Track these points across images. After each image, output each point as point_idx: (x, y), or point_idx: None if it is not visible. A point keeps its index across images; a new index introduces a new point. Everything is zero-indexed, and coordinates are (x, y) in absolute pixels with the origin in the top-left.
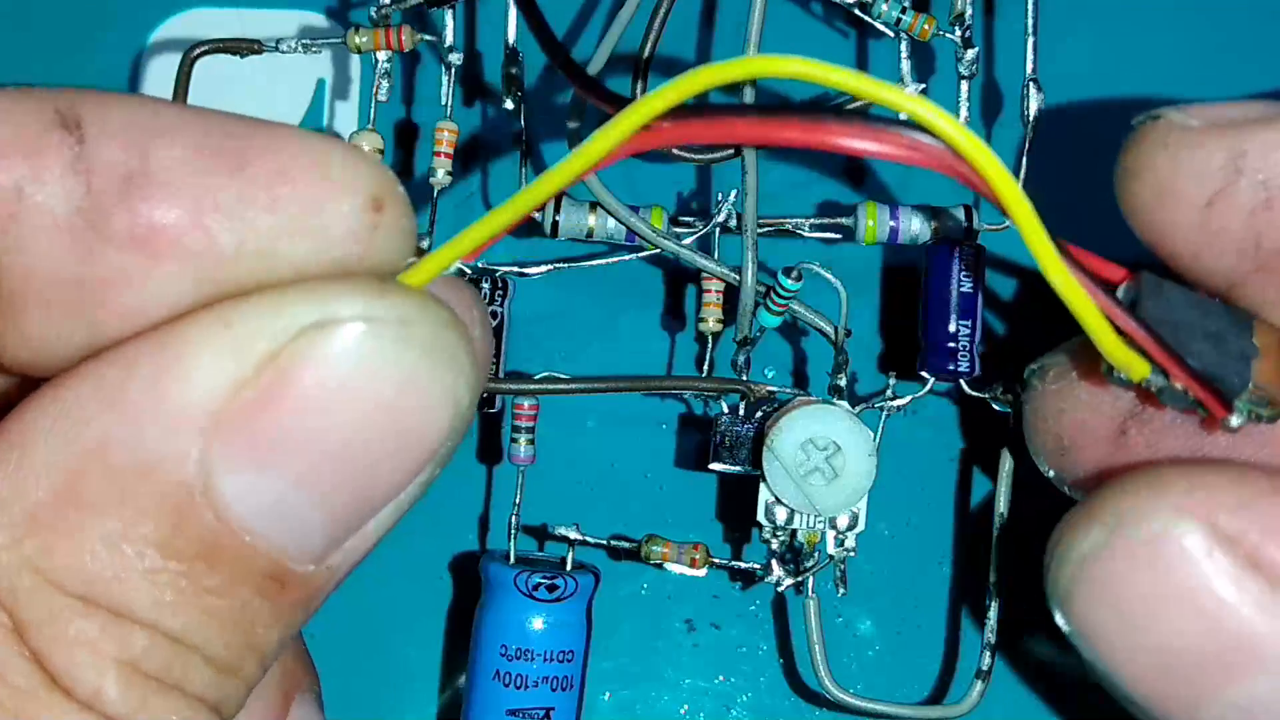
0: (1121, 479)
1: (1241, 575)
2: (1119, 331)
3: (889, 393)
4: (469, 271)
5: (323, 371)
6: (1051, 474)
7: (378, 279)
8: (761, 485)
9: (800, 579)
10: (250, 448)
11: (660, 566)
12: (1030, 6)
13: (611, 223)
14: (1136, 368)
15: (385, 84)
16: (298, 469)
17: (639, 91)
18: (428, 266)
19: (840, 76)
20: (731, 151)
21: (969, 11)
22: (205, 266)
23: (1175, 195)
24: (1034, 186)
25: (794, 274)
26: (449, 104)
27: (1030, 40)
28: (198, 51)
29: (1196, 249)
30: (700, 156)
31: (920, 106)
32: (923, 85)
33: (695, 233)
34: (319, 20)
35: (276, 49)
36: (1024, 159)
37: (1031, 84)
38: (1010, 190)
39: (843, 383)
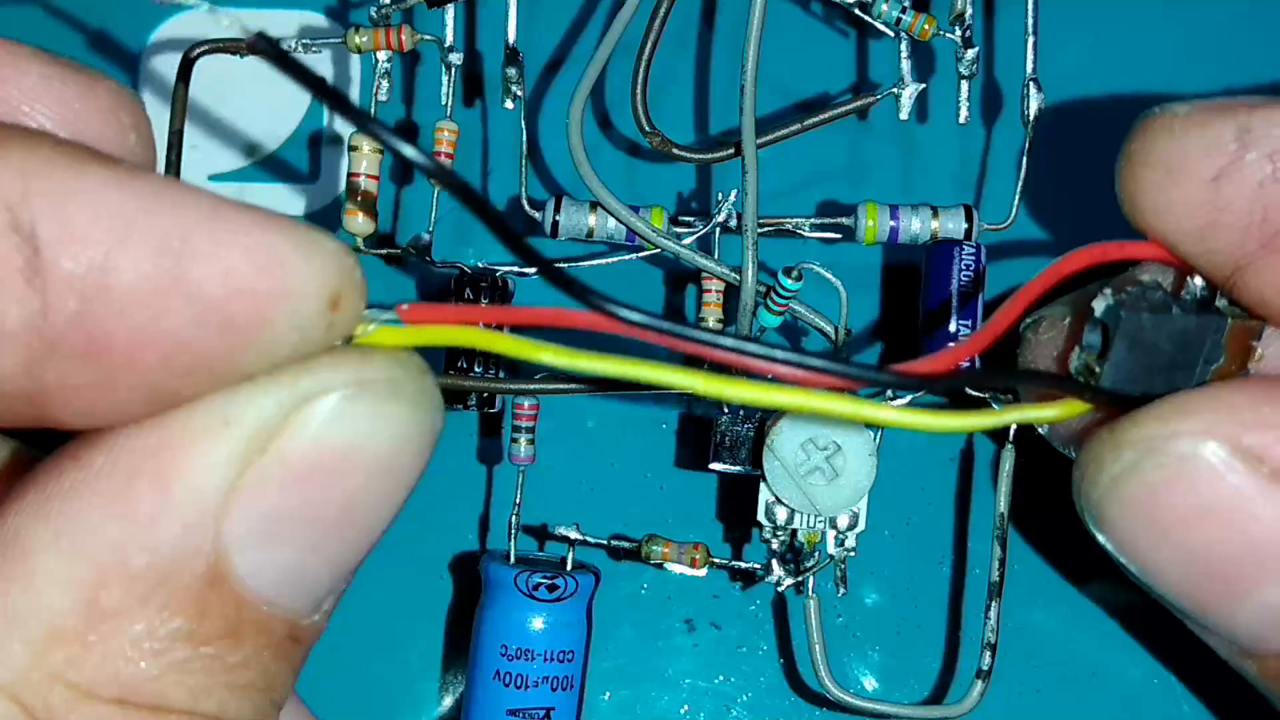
0: (1145, 407)
1: (1267, 487)
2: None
3: (889, 393)
4: (468, 271)
5: (320, 443)
6: (1045, 430)
7: (355, 349)
8: (761, 485)
9: (800, 579)
10: (262, 527)
11: (660, 566)
12: (1030, 6)
13: (611, 223)
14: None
15: (385, 84)
16: (306, 537)
17: (639, 92)
18: (412, 335)
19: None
20: (731, 151)
21: (969, 11)
22: (159, 380)
23: (1182, 171)
24: (1034, 186)
25: (794, 274)
26: (449, 104)
27: (1030, 40)
28: (198, 51)
29: (1203, 228)
30: (700, 156)
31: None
32: (923, 85)
33: (695, 233)
34: (319, 20)
35: None
36: (1024, 159)
37: (1031, 84)
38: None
39: None
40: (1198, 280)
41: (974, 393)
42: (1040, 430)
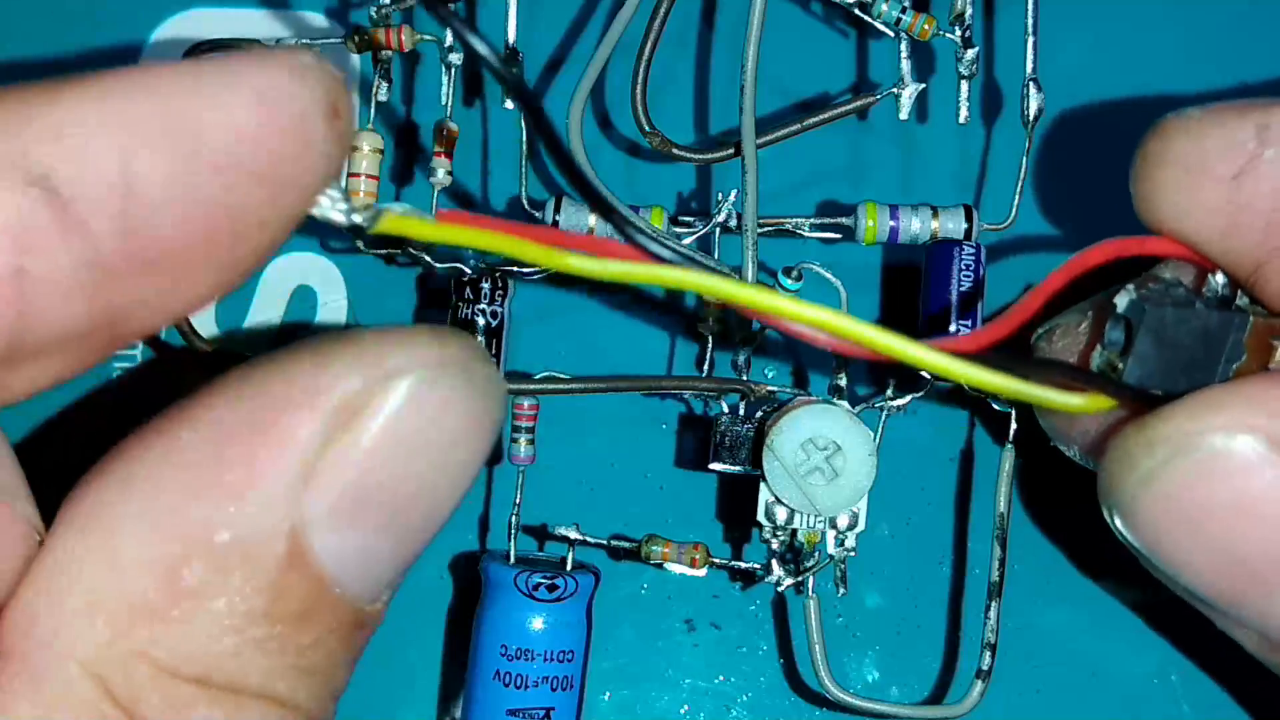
0: (1176, 402)
1: None
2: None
3: (889, 393)
4: (468, 271)
5: (398, 423)
6: (1059, 437)
7: (431, 329)
8: (761, 485)
9: (800, 579)
10: (339, 506)
11: (660, 566)
12: (1030, 6)
13: None
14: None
15: (385, 84)
16: (379, 520)
17: (639, 92)
18: (443, 232)
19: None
20: (731, 151)
21: (969, 11)
22: (218, 254)
23: (1202, 171)
24: (1034, 186)
25: (794, 274)
26: (449, 104)
27: (1030, 40)
28: (198, 52)
29: (1224, 227)
30: (700, 156)
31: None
32: (923, 85)
33: (695, 233)
34: (319, 20)
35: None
36: (1024, 159)
37: (1031, 84)
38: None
39: (843, 383)
40: (1219, 278)
41: (974, 392)
42: (1055, 437)
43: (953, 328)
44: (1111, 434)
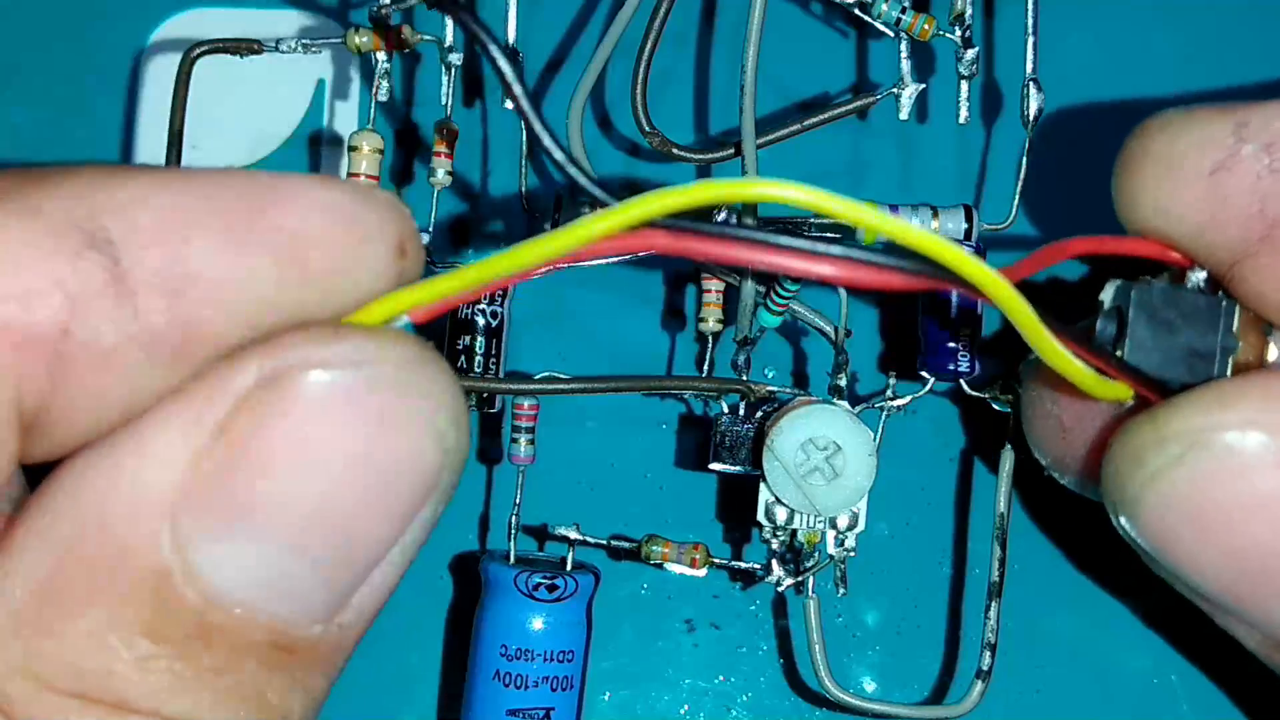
0: (1184, 396)
1: None
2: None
3: (889, 393)
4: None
5: (284, 429)
6: (1050, 464)
7: (330, 323)
8: (761, 485)
9: (800, 579)
10: (222, 519)
11: (660, 566)
12: (1030, 6)
13: None
14: (1120, 394)
15: (385, 84)
16: (278, 533)
17: (639, 92)
18: (384, 306)
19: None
20: (731, 151)
21: (969, 11)
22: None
23: (1179, 167)
24: (1034, 186)
25: None
26: (449, 104)
27: (1030, 40)
28: (198, 51)
29: (1202, 222)
30: (700, 156)
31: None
32: (923, 85)
33: None
34: (319, 20)
35: (276, 49)
36: (1024, 159)
37: (1031, 84)
38: (1001, 291)
39: (843, 383)
40: (1199, 273)
41: (971, 391)
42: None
43: (953, 325)
44: (1113, 432)
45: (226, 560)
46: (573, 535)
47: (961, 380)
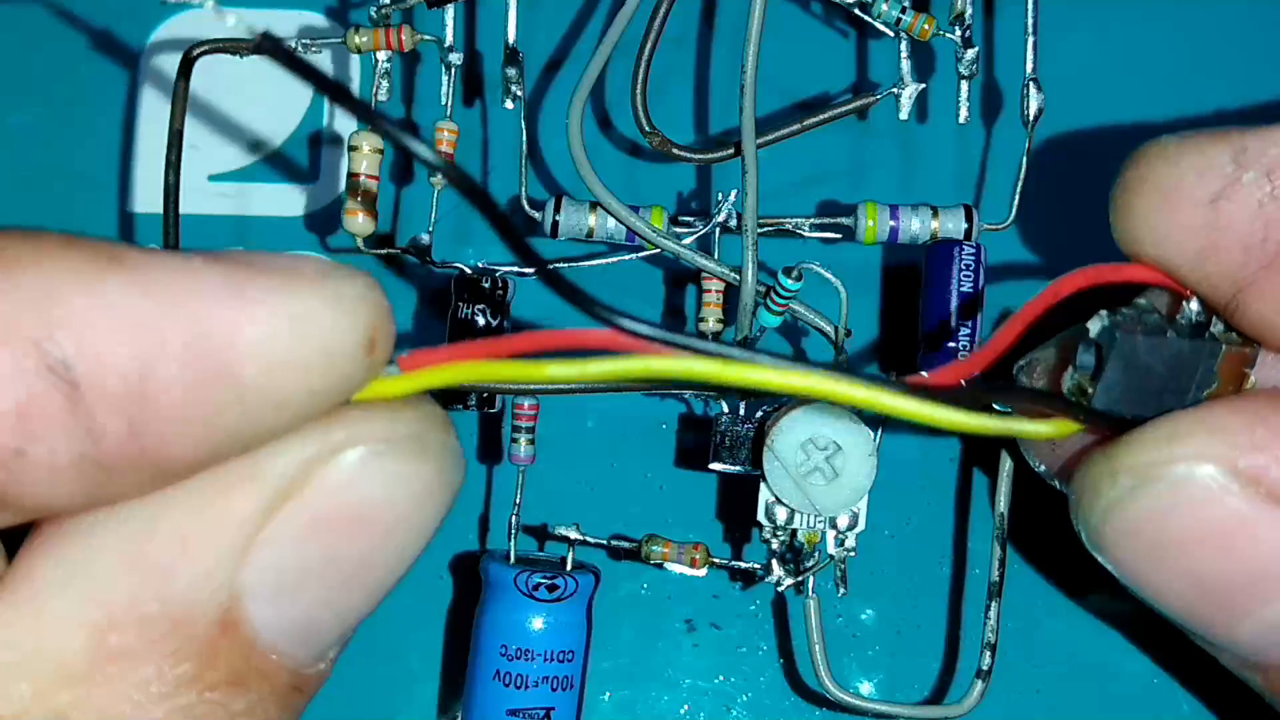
0: (1139, 430)
1: (1263, 509)
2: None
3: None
4: (468, 271)
5: (343, 498)
6: (1042, 469)
7: (385, 404)
8: (761, 485)
9: (800, 579)
10: (278, 579)
11: (660, 566)
12: (1030, 6)
13: (611, 223)
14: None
15: (385, 84)
16: (320, 590)
17: (639, 92)
18: (412, 382)
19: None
20: (731, 151)
21: (969, 11)
22: (210, 460)
23: (1179, 194)
24: (1034, 186)
25: (794, 274)
26: (449, 104)
27: (1030, 40)
28: (198, 51)
29: (1201, 251)
30: (700, 156)
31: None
32: (923, 85)
33: (695, 233)
34: (319, 20)
35: None
36: (1024, 159)
37: (1031, 84)
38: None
39: None
40: (1194, 304)
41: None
42: (1038, 468)
43: (951, 326)
44: (1079, 459)
45: (277, 614)
46: (573, 535)
47: (961, 380)
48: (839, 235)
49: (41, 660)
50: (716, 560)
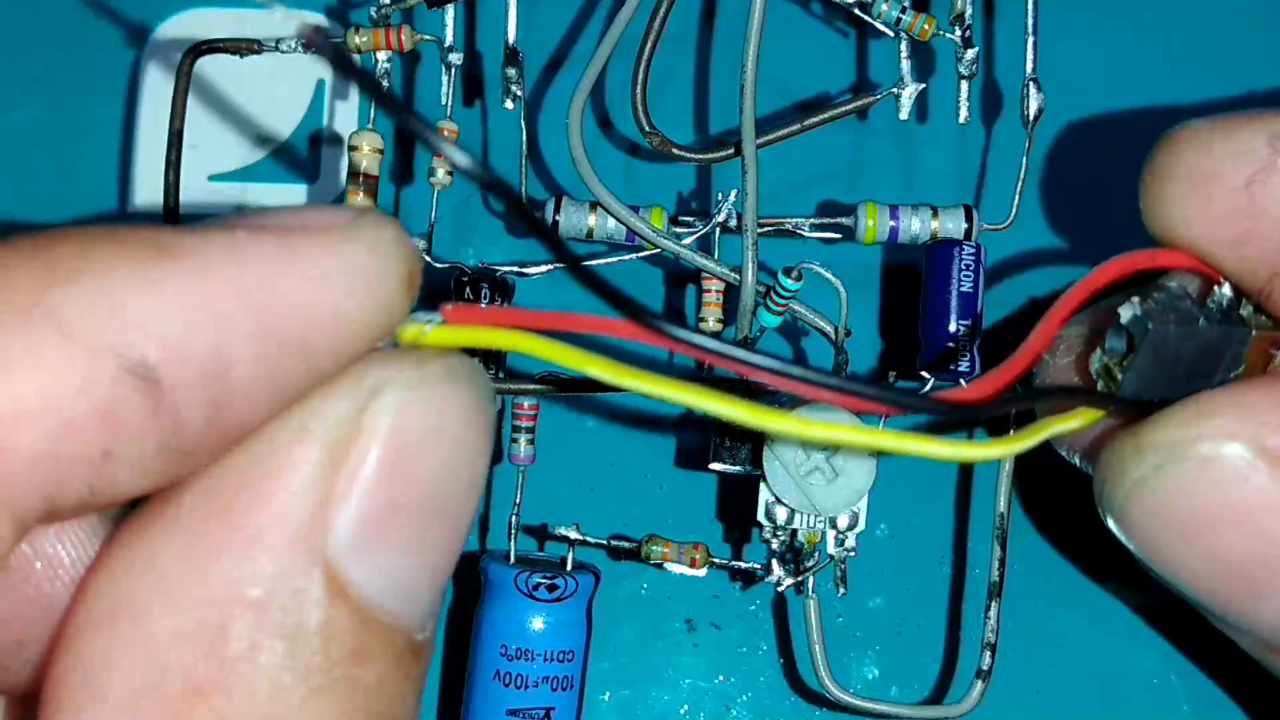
0: (1168, 409)
1: None
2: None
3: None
4: (468, 271)
5: (395, 434)
6: (1066, 450)
7: (411, 349)
8: (761, 485)
9: (800, 579)
10: (364, 532)
11: (660, 566)
12: (1030, 6)
13: (611, 223)
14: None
15: (385, 84)
16: (407, 535)
17: (639, 92)
18: (454, 335)
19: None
20: (731, 151)
21: (969, 11)
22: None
23: (1214, 180)
24: (1034, 186)
25: (794, 274)
26: (449, 104)
27: (1030, 40)
28: (198, 51)
29: (1236, 237)
30: (700, 156)
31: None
32: (923, 85)
33: (695, 233)
34: (319, 20)
35: (276, 49)
36: (1024, 159)
37: (1031, 84)
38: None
39: None
40: (1225, 289)
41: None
42: (1059, 447)
43: (952, 327)
44: (1105, 440)
45: (377, 571)
46: (573, 535)
47: (962, 379)
48: (839, 235)
49: (168, 683)
50: (716, 560)
